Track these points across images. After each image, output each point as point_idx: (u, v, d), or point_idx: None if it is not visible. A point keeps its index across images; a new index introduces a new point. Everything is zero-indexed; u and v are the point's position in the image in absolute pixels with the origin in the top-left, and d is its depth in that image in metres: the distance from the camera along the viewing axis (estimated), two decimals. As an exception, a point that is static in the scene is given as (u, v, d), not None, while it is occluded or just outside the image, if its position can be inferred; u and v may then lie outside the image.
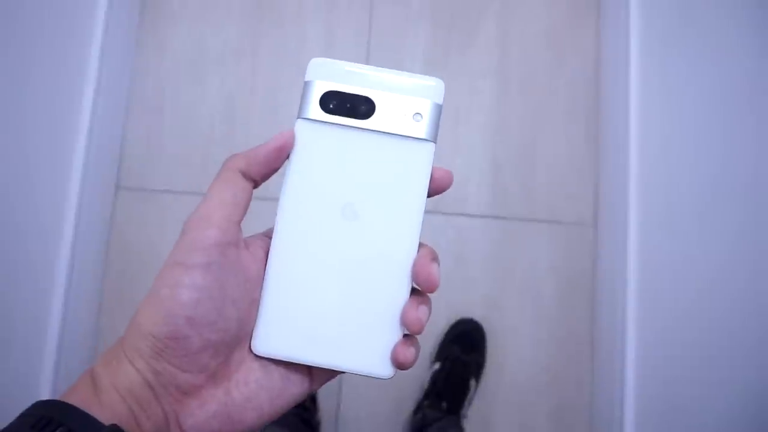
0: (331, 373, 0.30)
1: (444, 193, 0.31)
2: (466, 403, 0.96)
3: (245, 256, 0.29)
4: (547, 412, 1.02)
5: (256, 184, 0.30)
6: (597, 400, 1.00)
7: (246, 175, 0.29)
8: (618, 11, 1.01)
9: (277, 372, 0.29)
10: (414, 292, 0.30)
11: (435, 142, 0.31)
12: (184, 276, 0.26)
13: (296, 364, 0.29)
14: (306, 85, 0.31)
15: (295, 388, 0.29)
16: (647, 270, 0.88)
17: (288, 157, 0.30)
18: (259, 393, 0.28)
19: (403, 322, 0.29)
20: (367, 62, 1.10)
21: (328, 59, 0.31)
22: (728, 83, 0.73)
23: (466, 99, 1.09)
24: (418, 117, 0.30)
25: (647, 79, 0.92)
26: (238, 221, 0.28)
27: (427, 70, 1.10)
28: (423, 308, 0.29)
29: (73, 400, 0.25)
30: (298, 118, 0.31)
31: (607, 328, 0.98)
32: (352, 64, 0.31)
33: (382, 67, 0.31)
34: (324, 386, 0.31)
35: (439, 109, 0.31)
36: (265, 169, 0.29)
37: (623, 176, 0.94)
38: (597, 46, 1.11)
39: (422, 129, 0.30)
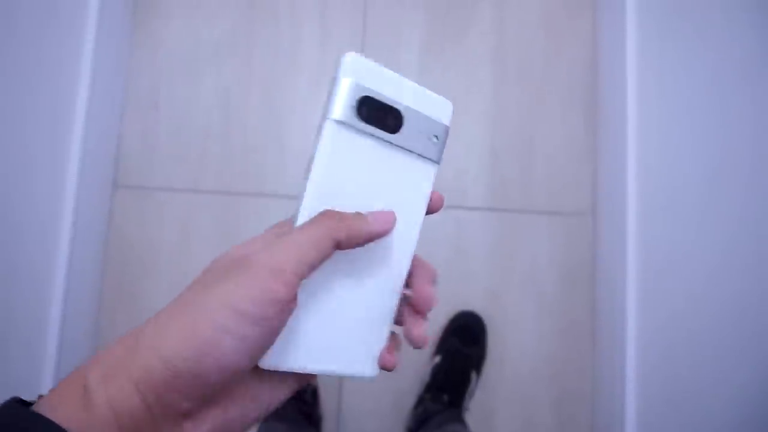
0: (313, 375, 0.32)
1: (440, 190, 0.33)
2: (467, 395, 0.96)
3: None
4: (548, 403, 1.02)
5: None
6: (599, 391, 1.00)
7: (338, 245, 0.28)
8: None
9: (269, 383, 0.29)
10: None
11: (440, 164, 0.32)
12: (233, 323, 0.25)
13: (287, 374, 0.30)
14: (339, 82, 0.29)
15: (282, 395, 0.30)
16: (647, 259, 0.88)
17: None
18: (252, 406, 0.29)
19: (411, 341, 0.31)
20: (362, 53, 1.10)
21: (363, 57, 0.29)
22: (728, 69, 0.72)
23: (463, 89, 1.09)
24: (435, 139, 0.31)
25: (645, 66, 0.92)
26: (303, 277, 0.27)
27: (424, 60, 1.10)
28: (426, 324, 0.31)
29: (58, 413, 0.23)
30: (328, 117, 0.29)
31: (608, 319, 0.98)
32: (385, 69, 0.30)
33: (408, 77, 0.31)
34: (326, 381, 0.31)
35: (447, 132, 0.32)
36: (357, 244, 0.29)
37: (622, 165, 0.93)
38: (594, 33, 1.10)
39: (436, 151, 0.32)
